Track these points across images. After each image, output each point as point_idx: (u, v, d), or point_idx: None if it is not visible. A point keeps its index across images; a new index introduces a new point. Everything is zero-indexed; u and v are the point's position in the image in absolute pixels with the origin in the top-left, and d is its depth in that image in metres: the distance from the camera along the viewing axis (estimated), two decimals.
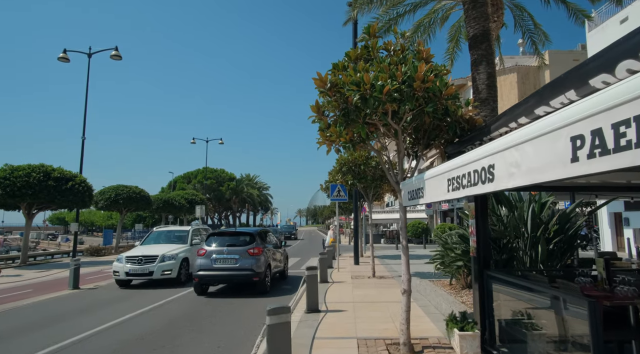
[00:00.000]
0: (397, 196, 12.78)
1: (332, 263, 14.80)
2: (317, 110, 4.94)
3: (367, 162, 11.70)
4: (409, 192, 4.86)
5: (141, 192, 25.77)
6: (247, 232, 10.56)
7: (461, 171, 3.12)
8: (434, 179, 3.80)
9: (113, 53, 23.07)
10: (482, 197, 5.21)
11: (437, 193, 3.70)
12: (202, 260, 9.69)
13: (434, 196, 3.83)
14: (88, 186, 19.38)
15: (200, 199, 37.55)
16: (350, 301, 8.17)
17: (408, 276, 5.31)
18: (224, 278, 9.70)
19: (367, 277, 11.85)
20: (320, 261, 11.15)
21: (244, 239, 10.17)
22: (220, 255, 9.68)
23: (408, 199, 4.91)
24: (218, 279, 9.84)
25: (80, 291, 10.46)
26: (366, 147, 5.73)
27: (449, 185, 3.40)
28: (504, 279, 4.99)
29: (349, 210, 31.65)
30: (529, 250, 6.38)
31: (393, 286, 10.10)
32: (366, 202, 24.84)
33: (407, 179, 5.17)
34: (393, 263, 15.95)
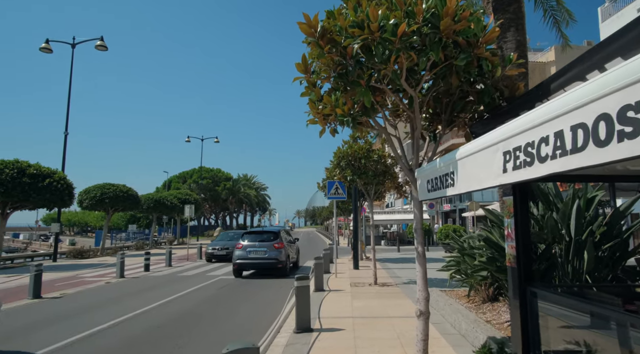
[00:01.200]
0: (401, 194, 11.49)
1: (330, 267, 13.52)
2: (304, 68, 3.66)
3: (368, 155, 10.44)
4: (428, 182, 3.59)
5: (129, 191, 24.45)
6: (272, 231, 14.09)
7: (537, 134, 1.85)
8: (475, 156, 2.52)
9: (98, 43, 21.83)
10: (522, 190, 3.94)
11: (483, 176, 2.42)
12: (240, 252, 12.92)
13: (475, 181, 2.55)
14: (68, 183, 18.06)
15: (194, 199, 36.22)
16: (349, 316, 6.89)
17: (425, 294, 4.04)
18: (256, 265, 12.93)
19: (368, 284, 10.57)
20: (316, 267, 9.88)
21: (270, 236, 13.39)
22: (253, 248, 12.90)
23: (427, 191, 3.63)
24: (252, 266, 13.02)
25: (40, 301, 9.16)
26: (369, 128, 4.46)
27: (506, 161, 2.13)
28: (555, 297, 3.73)
29: (347, 210, 30.36)
30: (572, 257, 5.12)
31: (398, 296, 8.82)
32: (366, 202, 23.54)
33: (425, 165, 3.89)
34: (395, 268, 14.67)
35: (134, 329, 6.60)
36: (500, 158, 2.20)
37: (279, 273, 12.95)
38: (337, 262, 13.83)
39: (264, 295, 9.65)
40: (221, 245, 18.14)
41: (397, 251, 23.00)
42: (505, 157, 2.15)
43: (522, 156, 1.98)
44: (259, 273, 13.50)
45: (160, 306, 8.44)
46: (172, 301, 8.98)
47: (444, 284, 10.01)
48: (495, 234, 5.49)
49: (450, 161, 2.93)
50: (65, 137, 21.22)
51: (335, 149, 11.17)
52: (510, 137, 2.11)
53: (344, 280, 11.39)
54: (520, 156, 2.00)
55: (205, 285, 11.22)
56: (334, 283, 10.89)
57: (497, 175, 2.25)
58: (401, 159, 4.23)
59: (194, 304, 8.61)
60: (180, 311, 7.94)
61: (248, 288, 10.73)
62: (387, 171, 10.82)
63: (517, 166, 2.04)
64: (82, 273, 14.72)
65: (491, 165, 2.29)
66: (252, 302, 8.78)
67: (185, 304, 8.62)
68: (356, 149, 10.44)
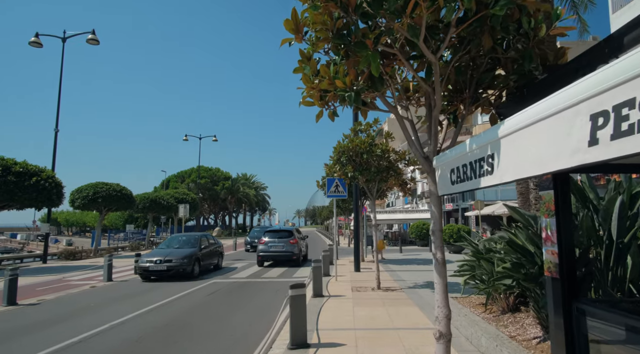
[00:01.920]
0: (405, 192, 10.70)
1: (330, 270, 12.77)
2: (294, 27, 2.89)
3: (371, 150, 9.67)
4: (452, 172, 2.83)
5: (122, 190, 23.69)
6: (287, 229, 17.46)
7: None
8: (535, 128, 1.77)
9: (90, 37, 21.07)
10: (564, 181, 3.19)
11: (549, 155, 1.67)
12: (262, 246, 16.08)
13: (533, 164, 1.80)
14: (57, 182, 17.31)
15: (191, 199, 35.48)
16: (351, 328, 6.13)
17: (446, 311, 3.29)
18: (275, 257, 16.01)
19: (371, 289, 9.82)
20: (314, 270, 9.13)
21: (286, 234, 16.56)
22: (273, 243, 16.01)
23: (451, 183, 2.87)
24: (272, 258, 16.09)
25: (14, 309, 8.41)
26: (375, 109, 3.70)
27: (597, 127, 1.38)
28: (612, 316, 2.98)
29: (348, 210, 29.59)
30: (613, 263, 4.36)
31: (404, 303, 8.06)
32: (367, 201, 22.75)
33: (448, 150, 3.13)
34: (399, 270, 13.91)
35: (110, 342, 5.85)
36: (584, 125, 1.45)
37: (294, 264, 16.20)
38: (337, 264, 13.08)
39: (259, 301, 8.90)
40: (162, 255, 12.48)
41: (400, 252, 22.22)
42: (596, 122, 1.40)
43: (636, 115, 1.23)
44: (276, 263, 16.50)
45: (145, 314, 7.69)
46: (158, 308, 8.23)
47: (453, 289, 9.26)
48: (520, 236, 4.73)
49: (489, 139, 2.18)
50: (56, 135, 20.47)
51: (336, 145, 10.40)
52: (606, 92, 1.36)
53: (344, 284, 10.64)
54: (631, 115, 1.25)
55: (196, 290, 10.46)
56: (334, 287, 10.14)
57: (577, 150, 1.49)
58: (414, 145, 3.47)
59: (182, 312, 7.86)
60: (166, 320, 7.19)
61: (242, 292, 9.98)
62: (391, 167, 10.06)
63: (621, 133, 1.29)
64: (69, 276, 13.97)
65: (567, 136, 1.54)
66: (245, 309, 8.03)
67: (171, 312, 7.87)
68: (357, 143, 9.67)
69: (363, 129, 10.17)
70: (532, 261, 4.58)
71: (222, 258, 16.05)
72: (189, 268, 12.52)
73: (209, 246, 14.73)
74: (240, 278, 12.70)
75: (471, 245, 6.31)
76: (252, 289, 10.51)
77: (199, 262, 13.22)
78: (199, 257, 13.30)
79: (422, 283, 10.77)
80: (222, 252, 16.23)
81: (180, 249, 13.36)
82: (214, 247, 15.30)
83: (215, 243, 15.64)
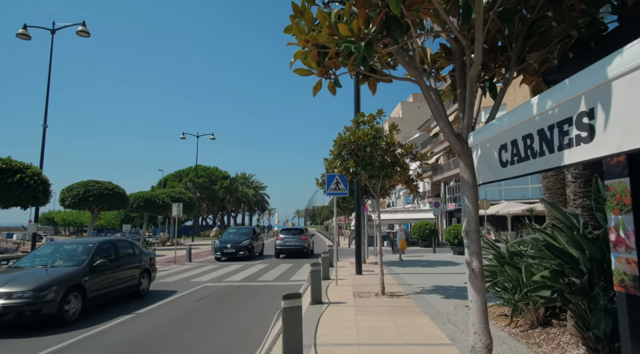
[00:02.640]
0: (412, 189, 9.87)
1: (329, 272, 11.95)
2: None
3: (375, 142, 8.86)
4: (504, 148, 2.02)
5: (115, 189, 22.82)
6: (299, 228, 22.44)
7: None
8: None
9: (80, 28, 20.20)
10: None
11: None
12: (280, 241, 20.25)
13: None
14: (43, 179, 16.46)
15: (188, 198, 34.66)
16: (355, 343, 5.32)
17: (486, 340, 2.49)
18: (290, 250, 20.12)
19: (375, 294, 9.00)
20: (312, 275, 8.31)
21: (298, 231, 21.25)
22: (288, 239, 20.30)
23: (501, 165, 2.06)
24: (287, 251, 20.14)
25: None
26: (387, 78, 2.89)
27: None
28: None
29: (348, 209, 28.73)
30: None
31: (412, 311, 7.24)
32: (369, 201, 21.92)
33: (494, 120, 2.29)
34: (403, 273, 13.10)
35: None
36: None
37: (304, 255, 20.23)
38: (337, 266, 12.27)
39: (251, 309, 8.09)
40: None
41: (402, 253, 21.36)
42: None
43: None
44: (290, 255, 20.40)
45: (119, 325, 6.87)
46: (137, 317, 7.41)
47: (462, 294, 8.45)
48: (561, 238, 3.91)
49: (586, 87, 1.36)
50: (44, 130, 19.60)
51: (336, 138, 9.57)
52: None
53: (345, 288, 9.82)
54: None
55: (184, 295, 9.65)
56: (335, 292, 9.32)
57: None
58: (442, 119, 2.65)
59: (162, 323, 7.03)
60: (141, 333, 6.36)
61: (233, 299, 9.16)
62: (397, 161, 9.25)
63: None
64: None
65: None
66: (234, 319, 7.21)
67: (151, 322, 7.05)
68: (360, 135, 8.86)
69: (366, 120, 9.36)
70: (576, 269, 3.77)
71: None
72: None
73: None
74: (235, 282, 11.89)
75: (493, 248, 5.49)
76: (248, 293, 9.69)
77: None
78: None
79: (430, 287, 9.96)
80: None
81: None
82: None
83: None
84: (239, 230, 21.32)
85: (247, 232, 20.55)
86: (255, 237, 20.65)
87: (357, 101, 12.57)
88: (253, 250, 19.50)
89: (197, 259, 19.65)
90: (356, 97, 12.62)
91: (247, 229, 21.28)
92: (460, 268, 14.20)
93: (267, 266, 16.07)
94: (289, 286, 10.92)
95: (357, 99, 12.61)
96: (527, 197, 32.11)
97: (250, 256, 18.87)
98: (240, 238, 19.30)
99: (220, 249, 18.40)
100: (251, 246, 19.15)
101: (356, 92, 12.67)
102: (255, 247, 20.22)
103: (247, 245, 18.81)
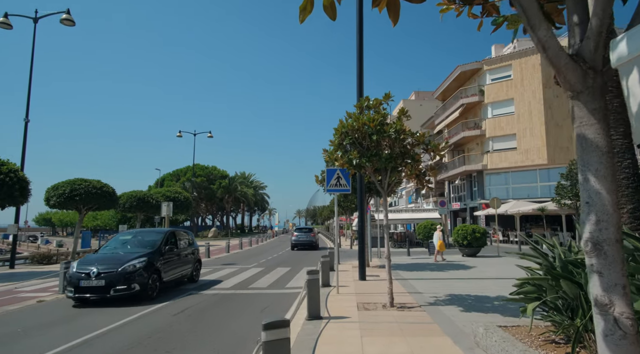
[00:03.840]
0: (423, 184, 8.45)
1: (330, 277, 10.71)
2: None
3: (382, 129, 7.62)
4: None
5: (103, 187, 21.55)
6: (309, 227, 30.79)
7: None
8: None
9: (64, 16, 19.05)
10: None
11: None
12: (294, 237, 27.66)
13: None
14: (20, 177, 15.28)
15: (184, 198, 33.42)
16: None
17: None
18: (302, 244, 27.19)
19: (382, 305, 7.76)
20: (310, 284, 7.05)
21: (308, 230, 29.19)
22: (301, 236, 27.66)
23: None
24: (300, 245, 27.15)
25: None
26: None
27: None
28: None
29: (350, 209, 27.47)
30: None
31: (429, 330, 5.99)
32: (372, 200, 20.70)
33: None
34: (411, 278, 11.85)
35: None
36: None
37: (314, 248, 26.77)
38: (338, 270, 11.04)
39: (234, 328, 6.86)
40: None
41: (407, 255, 20.15)
42: None
43: None
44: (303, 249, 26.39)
45: (82, 345, 5.65)
46: (105, 335, 6.19)
47: (485, 305, 7.19)
48: None
49: None
50: (26, 125, 18.50)
51: (337, 126, 8.33)
52: None
53: (348, 298, 8.59)
54: None
55: (165, 305, 8.43)
56: (336, 303, 8.09)
57: None
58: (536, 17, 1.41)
59: (131, 341, 5.81)
60: None
61: (217, 312, 7.94)
62: (407, 152, 8.01)
63: None
64: (24, 285, 11.93)
65: None
66: (212, 342, 5.98)
67: (117, 342, 5.83)
68: (365, 120, 7.62)
69: (372, 105, 8.12)
70: None
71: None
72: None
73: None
74: (224, 289, 10.66)
75: (541, 256, 4.25)
76: (240, 301, 8.47)
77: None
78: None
79: (444, 296, 8.72)
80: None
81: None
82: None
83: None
84: (139, 236, 10.74)
85: (152, 241, 10.22)
86: (172, 252, 10.38)
87: (360, 84, 11.40)
88: (157, 279, 9.32)
89: None
90: (359, 75, 11.42)
91: (156, 235, 10.55)
92: (474, 272, 12.95)
93: (262, 270, 14.88)
94: (284, 295, 9.70)
95: (360, 80, 11.43)
96: (536, 196, 30.88)
97: (145, 295, 8.83)
98: (127, 256, 9.30)
99: (73, 282, 8.59)
100: (151, 272, 9.11)
101: (359, 62, 11.44)
102: (168, 272, 9.96)
103: (137, 270, 8.80)
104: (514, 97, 31.47)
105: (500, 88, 32.22)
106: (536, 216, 29.98)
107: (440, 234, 17.08)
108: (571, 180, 23.75)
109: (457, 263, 15.81)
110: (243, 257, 20.95)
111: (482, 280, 11.20)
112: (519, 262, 5.32)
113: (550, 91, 29.92)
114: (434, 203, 40.96)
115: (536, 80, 30.27)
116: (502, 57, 32.66)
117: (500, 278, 11.68)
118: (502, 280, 11.10)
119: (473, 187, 35.73)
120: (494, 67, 32.68)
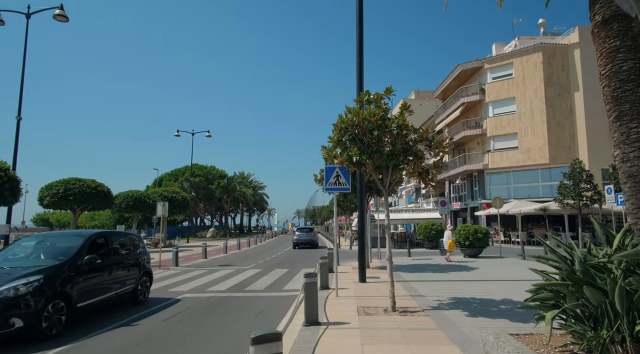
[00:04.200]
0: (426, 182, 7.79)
1: (329, 280, 10.33)
2: None
3: (383, 125, 7.25)
4: None
5: (98, 187, 21.25)
6: (309, 227, 33.23)
7: None
8: None
9: (57, 12, 18.63)
10: None
11: None
12: (295, 237, 29.24)
13: None
14: (11, 176, 14.90)
15: (182, 198, 33.07)
16: None
17: None
18: (303, 243, 28.95)
19: (384, 310, 7.39)
20: (307, 287, 6.66)
21: (309, 230, 31.07)
22: (302, 235, 29.29)
23: None
24: (301, 244, 28.91)
25: None
26: None
27: None
28: None
29: (349, 209, 27.11)
30: None
31: (434, 337, 5.62)
32: (371, 199, 20.31)
33: None
34: (412, 280, 11.47)
35: None
36: None
37: (314, 247, 28.40)
38: (338, 272, 10.66)
39: (224, 336, 6.48)
40: None
41: (408, 256, 19.77)
42: None
43: None
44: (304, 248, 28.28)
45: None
46: (79, 348, 5.79)
47: (492, 309, 6.81)
48: None
49: None
50: (18, 123, 18.02)
51: (336, 122, 7.95)
52: None
53: (348, 301, 8.21)
54: None
55: (152, 311, 8.04)
56: (335, 307, 7.71)
57: None
58: None
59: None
60: None
61: (209, 318, 7.56)
62: (409, 149, 7.63)
63: None
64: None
65: None
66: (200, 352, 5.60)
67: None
68: (366, 115, 7.24)
69: (372, 99, 7.75)
70: None
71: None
72: None
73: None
74: (219, 292, 10.28)
75: (560, 259, 3.88)
76: (231, 311, 8.08)
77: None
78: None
79: (448, 300, 8.35)
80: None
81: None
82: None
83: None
84: (47, 242, 7.53)
85: (64, 249, 7.05)
86: (97, 263, 7.15)
87: (360, 78, 11.03)
88: (61, 308, 6.15)
89: (186, 262, 18.06)
90: (359, 68, 11.05)
91: (73, 240, 7.32)
92: (477, 274, 12.57)
93: (260, 272, 14.50)
94: (281, 298, 9.32)
95: (360, 73, 11.06)
96: (537, 196, 30.52)
97: (37, 334, 5.69)
98: (12, 273, 6.01)
99: None
100: (49, 298, 5.92)
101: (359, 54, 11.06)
102: (88, 293, 6.87)
103: (20, 296, 5.60)
104: (515, 95, 31.12)
105: (502, 87, 31.87)
106: (538, 216, 29.61)
107: (450, 234, 16.97)
108: (574, 179, 23.43)
109: (460, 264, 15.44)
110: (240, 258, 20.56)
111: (486, 282, 10.83)
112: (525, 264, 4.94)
113: (552, 90, 29.56)
114: (434, 203, 40.61)
115: (538, 78, 29.92)
116: (503, 56, 32.30)
117: (504, 279, 11.32)
118: (507, 282, 10.74)
119: (474, 187, 35.36)
120: (495, 65, 32.34)
